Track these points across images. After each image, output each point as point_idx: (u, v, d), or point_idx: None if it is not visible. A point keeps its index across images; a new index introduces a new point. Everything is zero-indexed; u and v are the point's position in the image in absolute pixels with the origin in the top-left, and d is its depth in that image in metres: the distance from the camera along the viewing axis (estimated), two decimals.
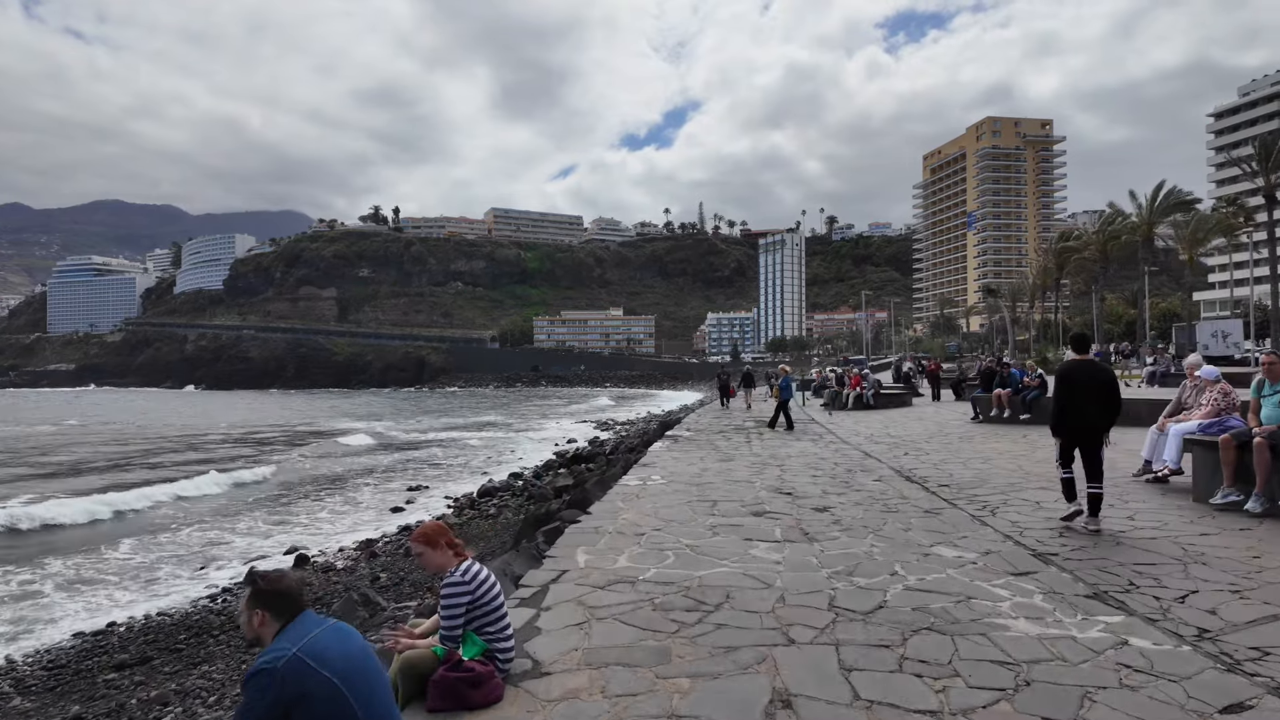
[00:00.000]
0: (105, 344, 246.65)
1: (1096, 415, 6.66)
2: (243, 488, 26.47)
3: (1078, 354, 7.22)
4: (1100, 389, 6.67)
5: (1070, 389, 6.76)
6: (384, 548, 17.86)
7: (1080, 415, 6.70)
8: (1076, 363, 6.97)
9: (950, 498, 8.27)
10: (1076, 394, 6.71)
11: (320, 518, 21.29)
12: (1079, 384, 6.73)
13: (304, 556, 16.81)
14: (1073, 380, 6.77)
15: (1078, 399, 6.69)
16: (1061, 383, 6.86)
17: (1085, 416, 6.68)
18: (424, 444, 42.19)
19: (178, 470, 31.15)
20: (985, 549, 6.04)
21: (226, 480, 27.03)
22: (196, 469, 30.49)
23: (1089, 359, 7.09)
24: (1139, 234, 58.48)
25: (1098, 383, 6.71)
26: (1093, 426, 6.67)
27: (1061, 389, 6.83)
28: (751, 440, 15.33)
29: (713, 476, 10.24)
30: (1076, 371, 6.81)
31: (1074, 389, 6.74)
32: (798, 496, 8.54)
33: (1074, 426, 6.75)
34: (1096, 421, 6.66)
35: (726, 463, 11.83)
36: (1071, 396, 6.73)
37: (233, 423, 63.42)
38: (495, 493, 23.01)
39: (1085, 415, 6.68)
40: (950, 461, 11.33)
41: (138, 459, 36.62)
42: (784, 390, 18.76)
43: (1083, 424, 6.70)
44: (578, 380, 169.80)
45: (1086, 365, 6.90)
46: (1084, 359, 7.05)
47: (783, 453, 13.01)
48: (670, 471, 10.81)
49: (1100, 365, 7.10)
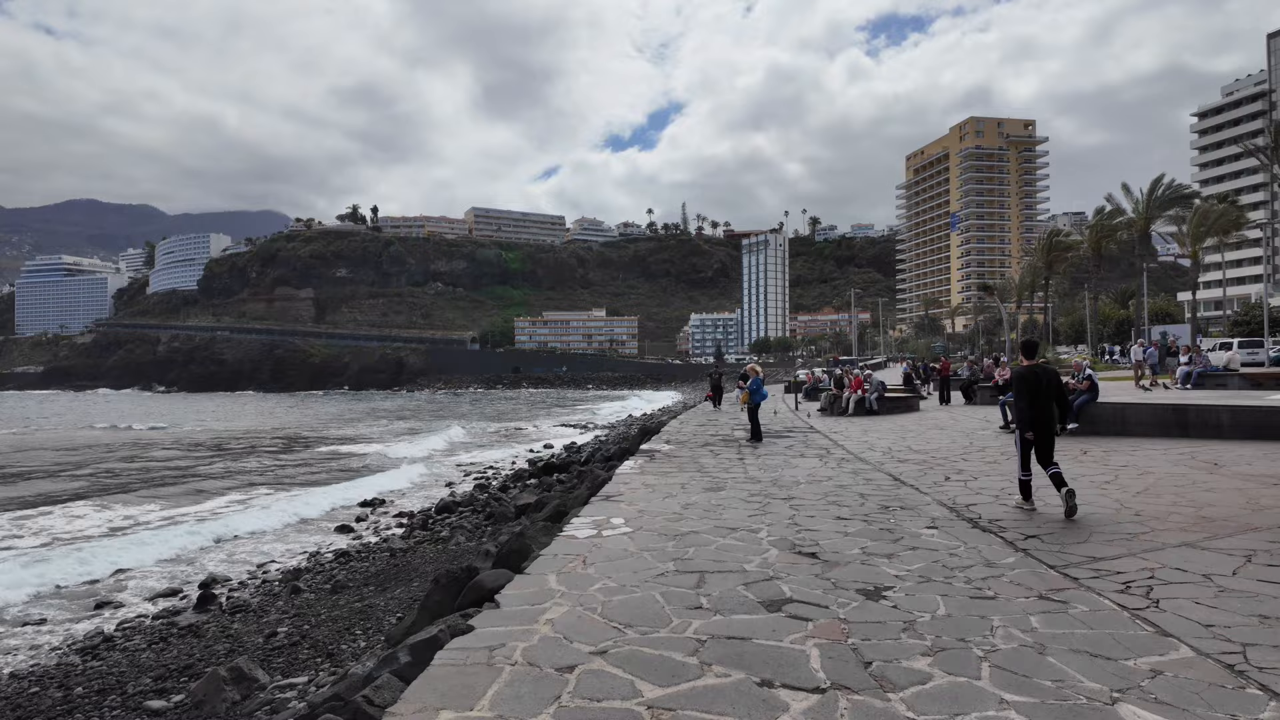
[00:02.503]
0: (75, 346, 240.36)
1: (1052, 411, 7.55)
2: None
3: (1029, 359, 7.94)
4: (1054, 389, 7.63)
5: (1034, 390, 7.53)
6: (311, 582, 15.00)
7: (1043, 412, 7.51)
8: (1033, 367, 7.76)
9: (1061, 563, 5.47)
10: (1040, 394, 7.52)
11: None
12: (1041, 385, 7.54)
13: (211, 595, 13.80)
14: (1033, 382, 7.56)
15: (1040, 399, 7.51)
16: (1024, 385, 7.62)
17: (1045, 412, 7.52)
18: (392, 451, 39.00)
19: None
20: (1192, 679, 3.21)
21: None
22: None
23: (1041, 364, 7.97)
24: (1135, 229, 56.33)
25: (1053, 384, 7.64)
26: (1050, 420, 7.55)
27: (1025, 391, 7.60)
28: (744, 457, 12.41)
29: (697, 519, 7.39)
30: (1035, 375, 7.61)
31: (1036, 390, 7.53)
32: (827, 562, 5.65)
33: (1041, 425, 7.52)
34: (1052, 416, 7.55)
35: (715, 493, 8.96)
36: (1035, 397, 7.52)
37: (220, 429, 59.80)
38: (455, 508, 20.72)
39: (1046, 411, 7.52)
40: (1012, 491, 8.60)
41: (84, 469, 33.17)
42: (755, 394, 15.84)
43: (1045, 419, 7.52)
44: (559, 382, 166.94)
45: (1042, 369, 7.79)
46: (1037, 364, 7.85)
47: (787, 476, 10.15)
48: (639, 509, 7.91)
49: (1051, 369, 8.15)
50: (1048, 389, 7.56)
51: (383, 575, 14.30)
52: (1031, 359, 7.93)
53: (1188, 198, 56.02)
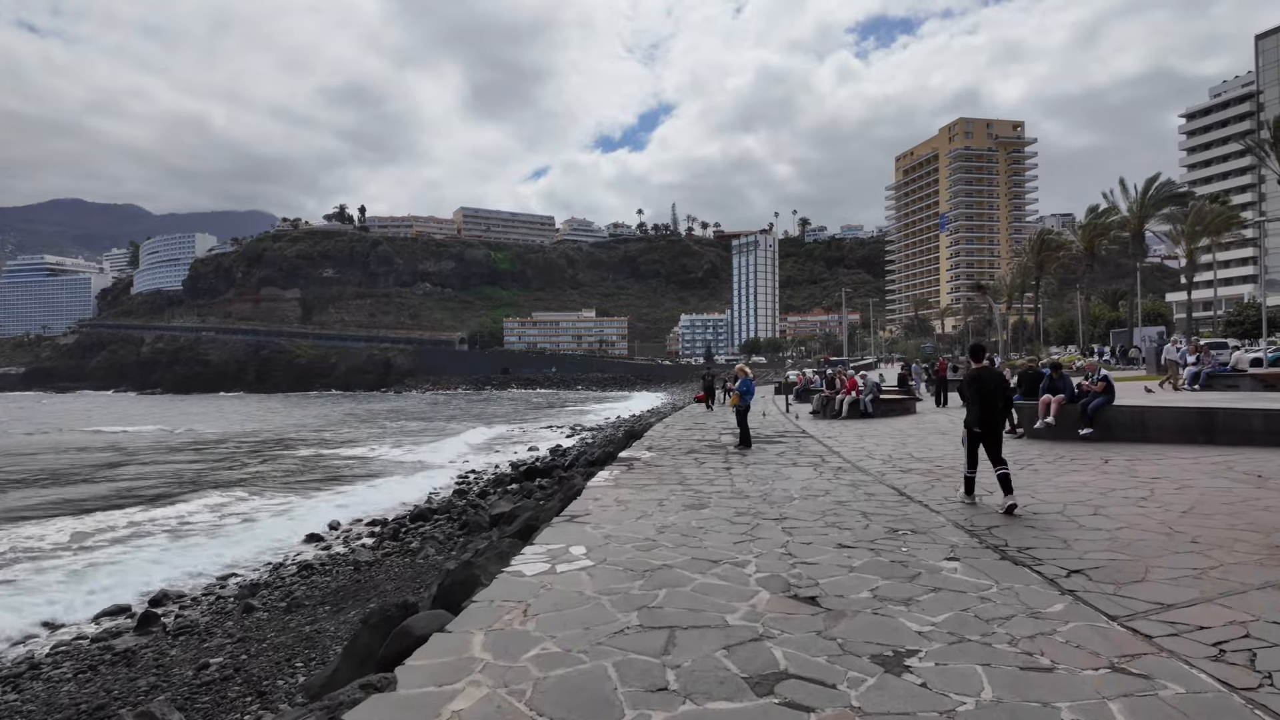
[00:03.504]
0: (57, 346, 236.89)
1: (1000, 411, 7.91)
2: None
3: (977, 363, 8.40)
4: (1002, 390, 7.99)
5: (982, 391, 7.88)
6: (267, 599, 13.87)
7: (990, 412, 7.85)
8: (982, 369, 8.18)
9: (1123, 612, 4.35)
10: (987, 395, 7.87)
11: (230, 536, 18.27)
12: (988, 387, 7.92)
13: (154, 615, 12.60)
14: (983, 384, 7.93)
15: (988, 399, 7.86)
16: (972, 386, 7.98)
17: (993, 413, 7.87)
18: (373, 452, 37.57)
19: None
20: None
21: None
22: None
23: (988, 366, 8.37)
24: (1129, 228, 55.67)
25: (1000, 385, 8.01)
26: (997, 420, 7.89)
27: (973, 391, 7.95)
28: (732, 466, 11.28)
29: (673, 547, 6.25)
30: (984, 377, 8.01)
31: (984, 391, 7.88)
32: (830, 611, 4.52)
33: (989, 424, 7.85)
34: (1000, 416, 7.90)
35: (697, 511, 7.84)
36: (983, 398, 7.86)
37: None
38: (430, 515, 19.80)
39: (993, 412, 7.87)
40: (1034, 505, 7.53)
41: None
42: (744, 396, 14.70)
43: (992, 419, 7.87)
44: (549, 383, 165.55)
45: (989, 371, 8.20)
46: (985, 366, 8.30)
47: (779, 490, 9.02)
48: (606, 534, 6.78)
49: (998, 371, 8.59)
50: (994, 391, 7.95)
51: (342, 593, 13.23)
52: (979, 363, 8.48)
53: (1182, 197, 55.49)
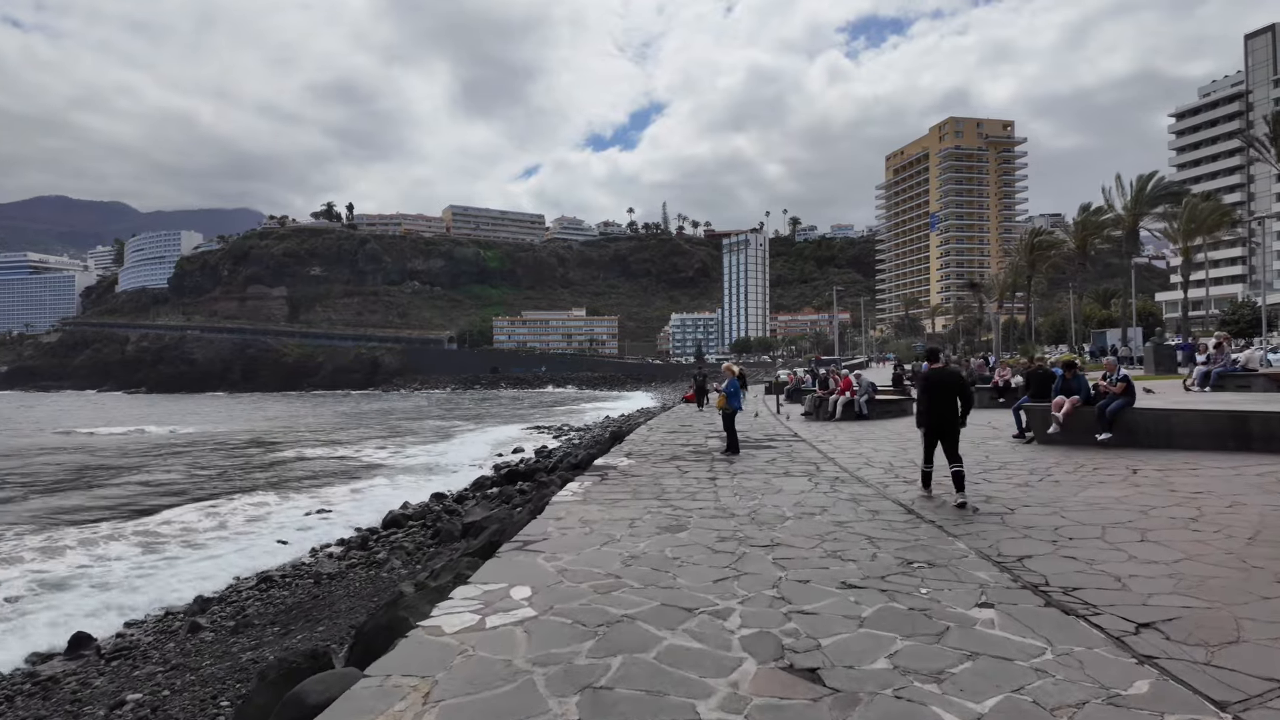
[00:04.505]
0: (40, 345, 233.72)
1: (955, 410, 8.21)
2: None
3: (932, 364, 9.06)
4: (957, 389, 8.34)
5: (933, 392, 8.34)
6: (217, 615, 12.67)
7: (944, 411, 8.21)
8: (936, 370, 8.65)
9: (1230, 697, 3.24)
10: (939, 395, 8.29)
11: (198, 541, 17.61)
12: (942, 387, 8.33)
13: (85, 636, 11.30)
14: (935, 384, 8.39)
15: (940, 400, 8.26)
16: (927, 386, 8.46)
17: (948, 412, 8.20)
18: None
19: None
20: None
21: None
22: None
23: (943, 367, 8.86)
24: (1123, 226, 54.95)
25: (956, 385, 8.39)
26: (953, 419, 8.20)
27: (925, 392, 8.45)
28: (717, 476, 10.11)
29: (638, 587, 5.09)
30: (939, 378, 8.45)
31: (936, 392, 8.32)
32: (837, 693, 3.36)
33: (940, 420, 8.24)
34: (955, 415, 8.20)
35: (673, 534, 6.72)
36: (934, 398, 8.30)
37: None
38: (404, 522, 18.89)
39: (948, 411, 8.20)
40: (1067, 528, 6.41)
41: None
42: (732, 398, 13.49)
43: (947, 418, 8.20)
44: (538, 382, 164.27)
45: (943, 372, 8.63)
46: (939, 367, 8.81)
47: (769, 507, 7.91)
48: (561, 567, 5.60)
49: (953, 371, 9.06)
50: (949, 390, 8.27)
51: (295, 611, 12.05)
52: (934, 364, 8.89)
53: (1177, 194, 54.75)
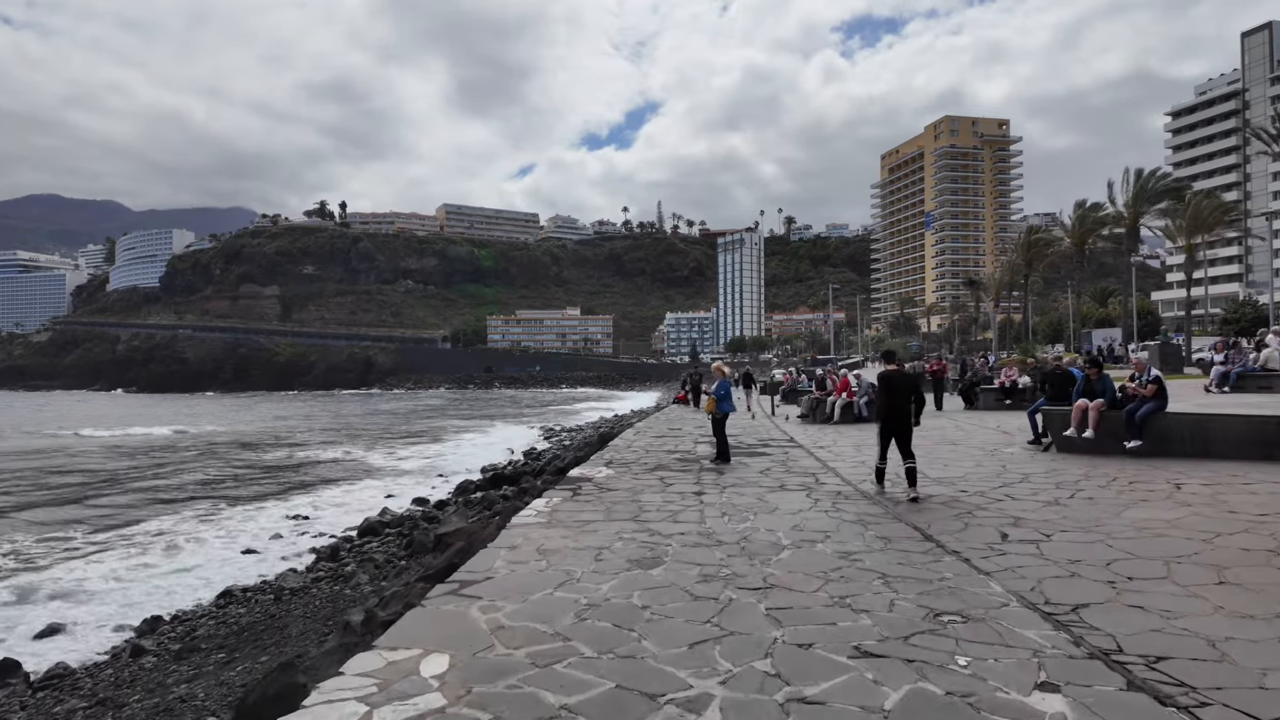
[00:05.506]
0: (30, 344, 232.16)
1: (909, 409, 8.78)
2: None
3: (889, 365, 9.30)
4: (910, 390, 8.92)
5: (891, 392, 8.91)
6: (164, 637, 11.56)
7: (900, 411, 8.79)
8: (892, 371, 9.14)
9: None
10: (896, 395, 8.85)
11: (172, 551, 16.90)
12: (898, 387, 8.90)
13: (13, 663, 10.56)
14: (893, 384, 8.94)
15: (897, 399, 8.83)
16: (883, 386, 9.05)
17: (901, 412, 8.79)
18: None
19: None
20: None
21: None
22: None
23: (898, 369, 9.31)
24: (1123, 223, 54.65)
25: (909, 386, 8.97)
26: (907, 418, 8.77)
27: (883, 392, 9.08)
28: (704, 490, 9.52)
29: (590, 655, 3.99)
30: (894, 379, 9.00)
31: (894, 392, 8.89)
32: None
33: (896, 419, 8.81)
34: (909, 414, 8.78)
35: (646, 570, 5.69)
36: (891, 398, 8.88)
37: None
38: (381, 530, 18.21)
39: (901, 410, 8.79)
40: (1121, 563, 5.73)
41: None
42: (721, 401, 12.60)
43: (902, 417, 8.77)
44: (533, 382, 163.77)
45: (900, 373, 9.17)
46: (895, 368, 9.24)
47: (762, 533, 7.02)
48: (497, 623, 4.50)
49: (908, 373, 9.67)
50: (903, 390, 8.82)
51: (246, 634, 10.94)
52: (891, 364, 9.27)
53: (1178, 190, 54.34)
